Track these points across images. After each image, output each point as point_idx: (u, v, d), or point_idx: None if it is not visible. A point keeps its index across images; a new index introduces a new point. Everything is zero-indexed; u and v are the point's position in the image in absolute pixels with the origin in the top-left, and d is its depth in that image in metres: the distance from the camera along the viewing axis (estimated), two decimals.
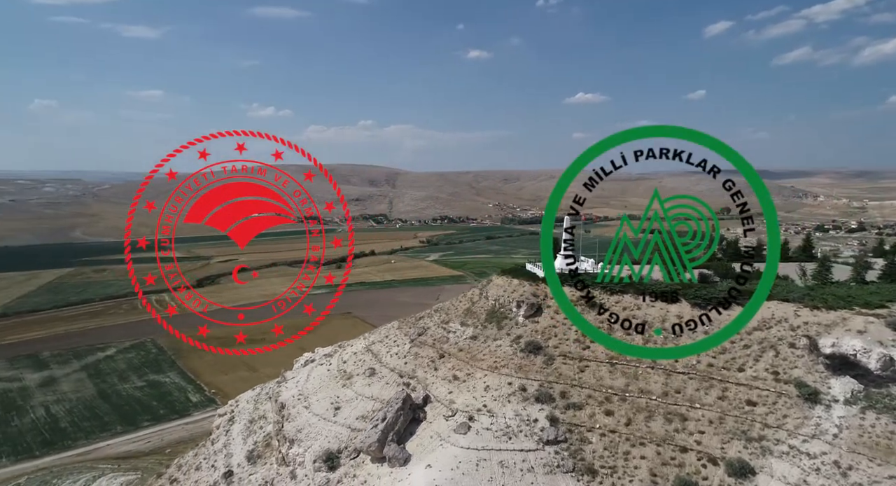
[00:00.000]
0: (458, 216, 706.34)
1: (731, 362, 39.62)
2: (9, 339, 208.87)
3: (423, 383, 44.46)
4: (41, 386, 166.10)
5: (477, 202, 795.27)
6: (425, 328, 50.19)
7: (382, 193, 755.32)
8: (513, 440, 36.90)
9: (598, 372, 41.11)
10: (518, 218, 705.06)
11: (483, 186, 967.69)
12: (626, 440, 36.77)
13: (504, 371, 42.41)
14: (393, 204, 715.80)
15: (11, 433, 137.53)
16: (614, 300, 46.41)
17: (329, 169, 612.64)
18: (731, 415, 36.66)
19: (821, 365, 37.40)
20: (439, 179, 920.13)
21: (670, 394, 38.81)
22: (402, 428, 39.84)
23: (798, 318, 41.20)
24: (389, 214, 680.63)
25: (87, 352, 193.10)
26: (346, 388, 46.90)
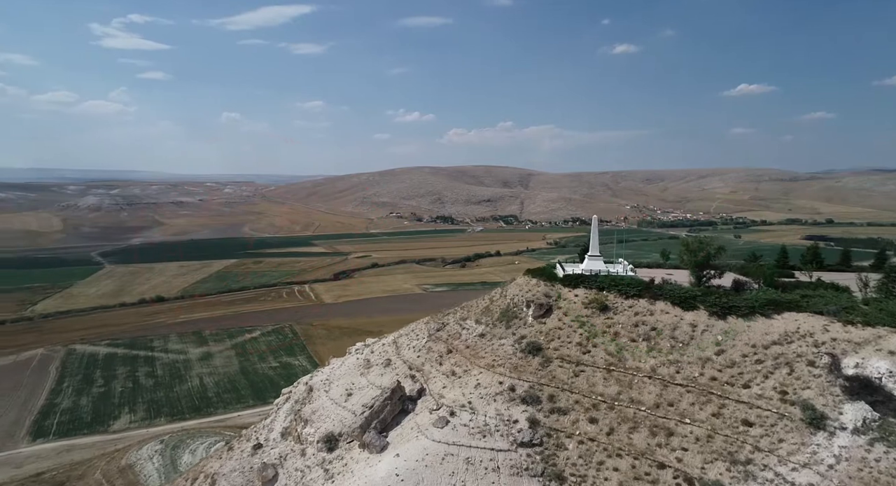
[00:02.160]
0: (590, 218, 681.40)
1: (737, 378, 35.78)
2: (181, 318, 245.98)
3: (426, 376, 45.08)
4: (200, 360, 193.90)
5: (613, 204, 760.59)
6: (444, 324, 50.87)
7: (514, 194, 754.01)
8: (487, 438, 36.56)
9: (593, 378, 39.22)
10: (657, 221, 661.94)
11: (621, 186, 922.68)
12: (604, 450, 34.98)
13: (499, 370, 41.94)
14: (524, 205, 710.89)
15: (172, 398, 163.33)
16: (627, 304, 43.86)
17: (464, 171, 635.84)
18: (722, 434, 33.16)
19: (838, 387, 32.53)
20: (574, 180, 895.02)
21: (662, 406, 36.03)
22: (389, 417, 40.86)
23: (826, 333, 36.18)
24: (520, 215, 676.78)
25: (238, 333, 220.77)
26: (363, 376, 49.07)
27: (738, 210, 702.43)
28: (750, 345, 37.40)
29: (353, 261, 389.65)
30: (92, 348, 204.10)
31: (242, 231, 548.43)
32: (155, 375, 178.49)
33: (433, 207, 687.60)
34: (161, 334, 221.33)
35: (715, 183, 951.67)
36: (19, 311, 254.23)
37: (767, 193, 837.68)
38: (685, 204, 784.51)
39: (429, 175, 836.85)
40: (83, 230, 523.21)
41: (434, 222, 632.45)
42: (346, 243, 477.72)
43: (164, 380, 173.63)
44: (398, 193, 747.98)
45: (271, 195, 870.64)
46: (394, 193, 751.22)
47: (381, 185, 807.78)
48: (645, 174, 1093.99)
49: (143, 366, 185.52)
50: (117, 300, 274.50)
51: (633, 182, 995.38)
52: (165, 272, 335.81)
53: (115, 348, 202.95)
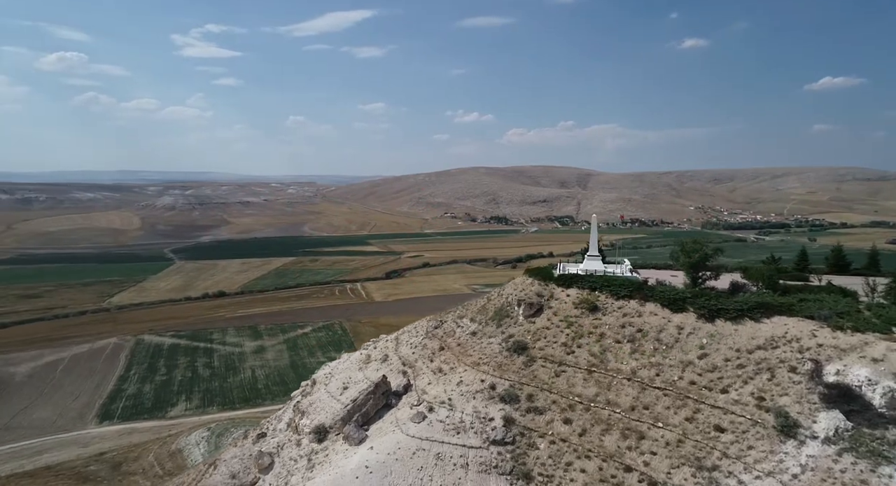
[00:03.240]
0: (651, 219, 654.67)
1: (716, 382, 34.61)
2: (240, 312, 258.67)
3: (416, 372, 45.65)
4: (254, 353, 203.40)
5: (676, 205, 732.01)
6: (442, 322, 51.04)
7: (571, 195, 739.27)
8: (460, 435, 36.84)
9: (573, 378, 38.78)
10: (723, 222, 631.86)
11: (686, 187, 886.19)
12: (574, 451, 34.71)
13: (483, 368, 42.08)
14: (581, 205, 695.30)
15: (225, 388, 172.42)
16: (617, 305, 43.04)
17: (520, 171, 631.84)
18: (693, 439, 32.21)
19: (816, 395, 30.91)
20: (634, 181, 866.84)
21: (638, 409, 35.28)
22: (372, 411, 41.81)
23: (813, 339, 34.47)
24: (576, 216, 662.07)
25: (291, 328, 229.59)
26: (360, 371, 50.17)
27: (816, 212, 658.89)
28: (734, 349, 36.06)
29: (406, 260, 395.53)
30: (158, 338, 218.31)
31: (302, 230, 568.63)
32: (212, 366, 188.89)
33: (487, 208, 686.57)
34: (220, 327, 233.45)
35: (791, 183, 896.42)
36: (98, 302, 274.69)
37: (851, 193, 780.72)
38: (755, 205, 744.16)
39: (484, 175, 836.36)
40: (158, 228, 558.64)
41: (488, 223, 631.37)
42: (399, 242, 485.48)
43: (220, 371, 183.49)
44: (453, 193, 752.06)
45: (331, 195, 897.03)
46: (449, 193, 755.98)
47: (437, 185, 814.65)
48: (712, 174, 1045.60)
49: (202, 357, 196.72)
50: (183, 294, 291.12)
51: (699, 182, 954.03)
52: (229, 269, 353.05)
53: (179, 340, 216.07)
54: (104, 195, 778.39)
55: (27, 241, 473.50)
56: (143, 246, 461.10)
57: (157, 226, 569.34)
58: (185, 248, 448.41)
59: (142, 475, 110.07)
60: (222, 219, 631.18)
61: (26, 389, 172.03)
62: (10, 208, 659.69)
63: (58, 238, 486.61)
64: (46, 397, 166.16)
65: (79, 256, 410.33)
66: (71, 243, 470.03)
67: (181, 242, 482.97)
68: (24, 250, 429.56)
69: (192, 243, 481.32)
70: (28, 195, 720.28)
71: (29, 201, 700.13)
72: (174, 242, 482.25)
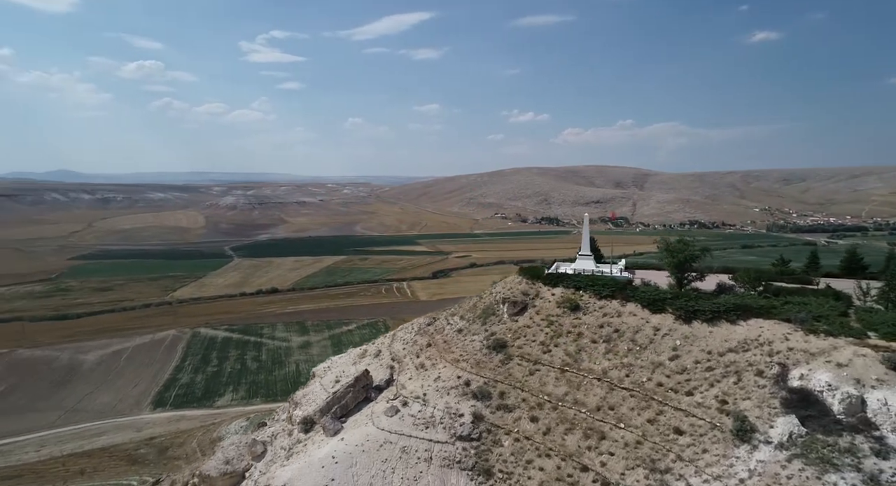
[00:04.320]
0: (711, 221, 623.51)
1: (683, 384, 33.84)
2: (289, 308, 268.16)
3: (402, 367, 46.55)
4: (300, 348, 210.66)
5: (740, 206, 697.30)
6: (435, 319, 52.11)
7: (626, 196, 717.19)
8: (429, 429, 37.47)
9: (546, 377, 38.75)
10: (792, 225, 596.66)
11: (752, 187, 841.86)
12: (536, 449, 34.82)
13: (461, 365, 42.56)
14: (636, 206, 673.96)
15: (270, 381, 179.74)
16: (599, 305, 42.62)
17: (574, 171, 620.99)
18: (651, 441, 31.72)
19: (777, 399, 29.82)
20: (695, 181, 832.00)
21: (603, 409, 34.95)
22: (352, 404, 42.87)
23: (785, 343, 33.24)
24: (631, 217, 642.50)
25: (336, 325, 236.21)
26: (354, 365, 51.69)
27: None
28: (706, 351, 35.13)
29: (453, 260, 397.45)
30: (213, 331, 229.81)
31: (354, 230, 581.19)
32: (260, 359, 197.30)
33: (539, 208, 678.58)
34: (270, 322, 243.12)
35: (871, 183, 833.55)
36: (162, 296, 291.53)
37: None
38: (829, 207, 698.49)
39: (536, 176, 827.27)
40: (221, 227, 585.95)
41: (539, 223, 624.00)
42: (448, 242, 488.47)
43: (266, 364, 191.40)
44: (504, 193, 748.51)
45: (385, 196, 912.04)
46: (500, 193, 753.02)
47: (489, 185, 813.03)
48: (782, 174, 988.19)
49: (251, 350, 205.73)
50: (239, 290, 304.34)
51: (766, 182, 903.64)
52: (282, 266, 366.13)
53: (231, 333, 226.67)
54: (174, 195, 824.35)
55: (105, 237, 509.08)
56: (206, 244, 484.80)
57: (220, 224, 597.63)
58: (244, 246, 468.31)
59: (184, 459, 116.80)
60: (280, 218, 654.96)
61: (93, 375, 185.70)
62: (92, 207, 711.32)
63: (132, 235, 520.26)
64: (110, 383, 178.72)
65: (148, 252, 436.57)
66: (143, 240, 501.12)
67: (241, 240, 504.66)
68: (102, 247, 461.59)
69: (251, 241, 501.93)
70: (107, 195, 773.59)
71: (108, 201, 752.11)
72: (234, 240, 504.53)
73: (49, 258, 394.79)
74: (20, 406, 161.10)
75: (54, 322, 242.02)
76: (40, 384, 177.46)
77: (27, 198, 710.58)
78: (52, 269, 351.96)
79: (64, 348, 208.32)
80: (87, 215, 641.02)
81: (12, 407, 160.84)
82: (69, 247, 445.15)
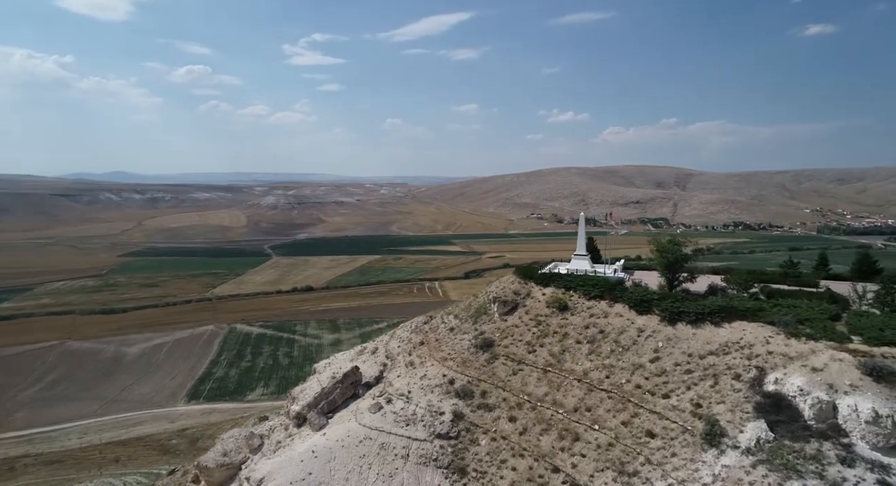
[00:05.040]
0: (757, 223, 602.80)
1: (660, 387, 33.20)
2: (323, 306, 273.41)
3: (393, 364, 47.01)
4: (330, 345, 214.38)
5: (789, 207, 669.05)
6: (431, 318, 52.18)
7: (667, 196, 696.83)
8: (409, 427, 37.76)
9: (528, 377, 38.56)
10: (845, 226, 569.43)
11: (803, 188, 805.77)
12: (511, 449, 34.75)
13: (448, 364, 42.66)
14: (677, 207, 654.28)
15: (300, 376, 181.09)
16: (588, 305, 42.12)
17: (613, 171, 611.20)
18: (623, 443, 31.25)
19: (751, 404, 28.99)
20: (740, 181, 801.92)
21: (580, 410, 34.57)
22: (340, 400, 43.49)
23: (766, 346, 32.26)
24: (671, 218, 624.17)
25: (367, 323, 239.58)
26: (351, 362, 51.97)
27: None
28: (687, 354, 34.32)
29: (486, 261, 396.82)
30: (248, 327, 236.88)
31: (390, 229, 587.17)
32: (291, 355, 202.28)
33: (576, 209, 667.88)
34: (303, 319, 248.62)
35: None
36: (202, 293, 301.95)
37: None
38: (888, 208, 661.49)
39: (574, 176, 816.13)
40: (261, 226, 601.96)
41: (575, 224, 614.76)
42: (483, 242, 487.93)
43: (298, 360, 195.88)
44: (541, 194, 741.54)
45: (421, 196, 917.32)
46: (536, 194, 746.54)
47: (525, 186, 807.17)
48: (836, 173, 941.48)
49: (284, 347, 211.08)
50: (276, 288, 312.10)
51: (818, 182, 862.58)
52: (318, 265, 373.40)
53: (266, 330, 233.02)
54: (218, 195, 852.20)
55: (153, 236, 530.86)
56: (246, 242, 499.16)
57: (261, 224, 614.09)
58: (283, 244, 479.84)
59: None
60: (318, 218, 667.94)
61: (135, 367, 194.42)
62: (141, 207, 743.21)
63: (178, 234, 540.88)
64: (150, 375, 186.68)
65: (192, 250, 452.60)
66: (187, 238, 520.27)
67: (280, 239, 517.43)
68: (150, 244, 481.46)
69: (290, 240, 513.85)
70: (156, 195, 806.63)
71: (157, 201, 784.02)
72: (274, 238, 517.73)
73: (101, 255, 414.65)
74: (67, 395, 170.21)
75: (103, 316, 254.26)
76: (86, 375, 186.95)
77: (84, 198, 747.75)
78: (104, 265, 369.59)
79: (110, 341, 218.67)
80: (137, 214, 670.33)
81: (60, 396, 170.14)
82: (120, 244, 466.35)
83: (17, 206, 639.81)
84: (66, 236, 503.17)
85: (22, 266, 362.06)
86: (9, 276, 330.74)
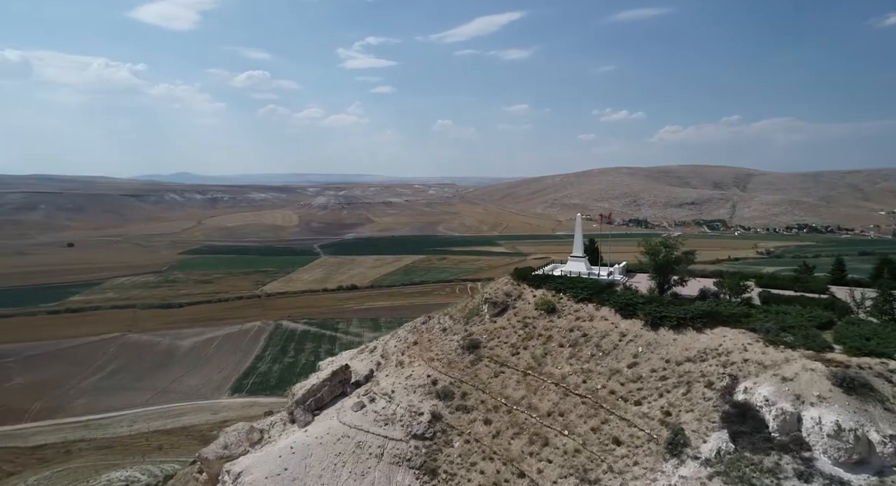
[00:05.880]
0: (825, 225, 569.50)
1: (634, 393, 32.18)
2: (366, 305, 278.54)
3: (386, 363, 47.28)
4: (370, 343, 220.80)
5: (861, 209, 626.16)
6: (430, 318, 52.17)
7: (725, 197, 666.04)
8: (387, 426, 37.84)
9: (508, 380, 38.08)
10: None
11: (879, 188, 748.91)
12: (482, 452, 34.51)
13: (434, 364, 42.58)
14: (736, 208, 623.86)
15: None
16: (575, 308, 41.23)
17: (667, 171, 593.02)
18: (590, 450, 30.41)
19: (718, 413, 27.75)
20: (806, 181, 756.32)
21: (553, 415, 33.92)
22: (328, 398, 44.03)
23: (743, 353, 30.82)
24: (729, 220, 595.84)
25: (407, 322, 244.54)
26: (352, 360, 53.17)
27: None
28: (664, 360, 33.10)
29: (531, 262, 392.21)
30: (293, 324, 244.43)
31: (437, 229, 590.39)
32: (332, 352, 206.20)
33: (626, 210, 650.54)
34: (346, 318, 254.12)
35: None
36: (252, 290, 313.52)
37: None
38: None
39: (626, 176, 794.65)
40: (312, 225, 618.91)
41: (625, 225, 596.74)
42: (528, 243, 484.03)
43: None
44: (590, 194, 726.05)
45: (469, 196, 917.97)
46: (586, 194, 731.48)
47: (575, 186, 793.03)
48: None
49: (326, 344, 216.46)
50: (322, 286, 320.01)
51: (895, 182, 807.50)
52: (364, 264, 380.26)
53: (309, 327, 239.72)
54: (273, 196, 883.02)
55: (211, 234, 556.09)
56: (297, 241, 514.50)
57: (312, 223, 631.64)
58: (331, 244, 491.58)
59: None
60: (366, 218, 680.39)
61: (186, 360, 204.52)
62: (202, 206, 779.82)
63: (234, 232, 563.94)
64: (199, 368, 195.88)
65: (246, 248, 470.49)
66: (242, 236, 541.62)
67: (329, 238, 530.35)
68: (207, 242, 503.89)
69: (338, 239, 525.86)
70: (216, 195, 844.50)
71: (216, 201, 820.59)
72: (323, 238, 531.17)
73: (163, 252, 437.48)
74: (123, 385, 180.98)
75: (160, 310, 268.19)
76: (142, 366, 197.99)
77: (151, 198, 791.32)
78: (164, 262, 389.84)
79: (165, 334, 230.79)
80: (197, 214, 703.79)
81: (117, 385, 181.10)
82: (180, 242, 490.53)
83: (91, 205, 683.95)
84: (133, 234, 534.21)
85: (93, 262, 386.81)
86: (81, 271, 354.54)
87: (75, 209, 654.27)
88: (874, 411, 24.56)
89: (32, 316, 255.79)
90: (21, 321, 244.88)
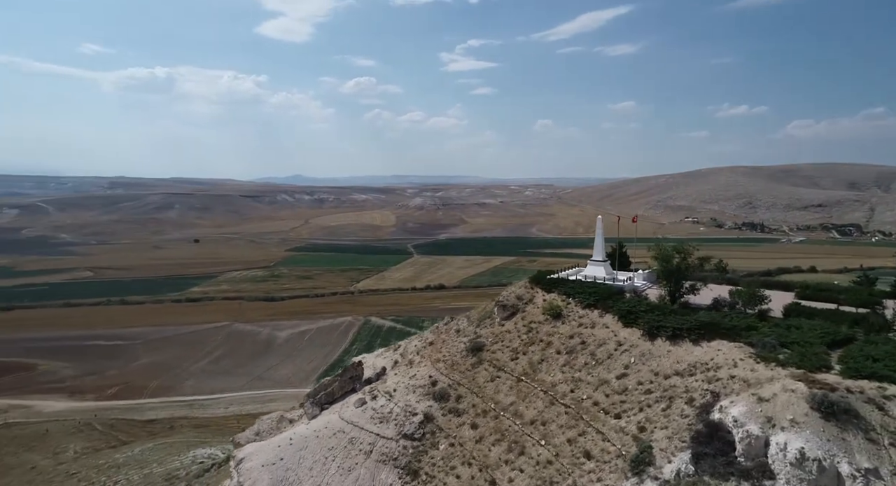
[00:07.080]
0: None
1: (616, 406, 30.32)
2: (452, 304, 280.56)
3: (402, 362, 47.80)
4: None
5: None
6: (452, 319, 52.17)
7: (861, 199, 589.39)
8: (382, 424, 38.35)
9: (502, 385, 37.21)
10: None
11: None
12: (462, 456, 34.21)
13: (438, 365, 42.56)
14: (874, 212, 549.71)
15: None
16: (580, 314, 39.48)
17: (791, 170, 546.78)
18: (560, 462, 29.02)
19: (690, 432, 25.37)
20: None
21: (536, 423, 32.78)
22: (339, 393, 45.13)
23: (732, 369, 28.14)
24: (865, 225, 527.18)
25: None
26: (377, 358, 54.03)
27: None
28: (654, 372, 30.84)
29: None
30: (380, 321, 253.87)
31: (529, 231, 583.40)
32: None
33: (740, 212, 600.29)
34: (430, 316, 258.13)
35: None
36: (347, 286, 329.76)
37: None
38: None
39: (741, 176, 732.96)
40: (408, 226, 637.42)
41: (738, 229, 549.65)
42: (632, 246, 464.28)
43: None
44: (699, 195, 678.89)
45: (566, 197, 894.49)
46: (693, 195, 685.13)
47: (681, 187, 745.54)
48: None
49: None
50: (411, 285, 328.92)
51: None
52: (453, 264, 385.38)
53: (395, 324, 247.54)
54: (374, 196, 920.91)
55: (315, 233, 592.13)
56: (393, 241, 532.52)
57: (408, 223, 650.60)
58: (425, 244, 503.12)
59: None
60: (460, 219, 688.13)
61: (281, 350, 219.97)
62: (309, 206, 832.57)
63: (335, 231, 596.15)
64: (291, 358, 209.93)
65: (345, 247, 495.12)
66: (343, 235, 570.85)
67: (423, 238, 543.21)
68: (311, 240, 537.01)
69: (431, 239, 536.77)
70: (322, 196, 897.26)
71: (322, 201, 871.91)
72: (418, 238, 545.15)
73: (272, 249, 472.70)
74: (226, 370, 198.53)
75: (264, 303, 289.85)
76: (243, 354, 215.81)
77: (265, 199, 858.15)
78: (272, 258, 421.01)
79: (266, 325, 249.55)
80: (305, 213, 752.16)
81: (221, 370, 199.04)
82: (287, 240, 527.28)
83: (216, 205, 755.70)
84: (248, 232, 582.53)
85: (213, 257, 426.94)
86: (201, 264, 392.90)
87: (203, 209, 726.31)
88: (853, 440, 21.66)
89: (160, 303, 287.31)
90: (150, 308, 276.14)
